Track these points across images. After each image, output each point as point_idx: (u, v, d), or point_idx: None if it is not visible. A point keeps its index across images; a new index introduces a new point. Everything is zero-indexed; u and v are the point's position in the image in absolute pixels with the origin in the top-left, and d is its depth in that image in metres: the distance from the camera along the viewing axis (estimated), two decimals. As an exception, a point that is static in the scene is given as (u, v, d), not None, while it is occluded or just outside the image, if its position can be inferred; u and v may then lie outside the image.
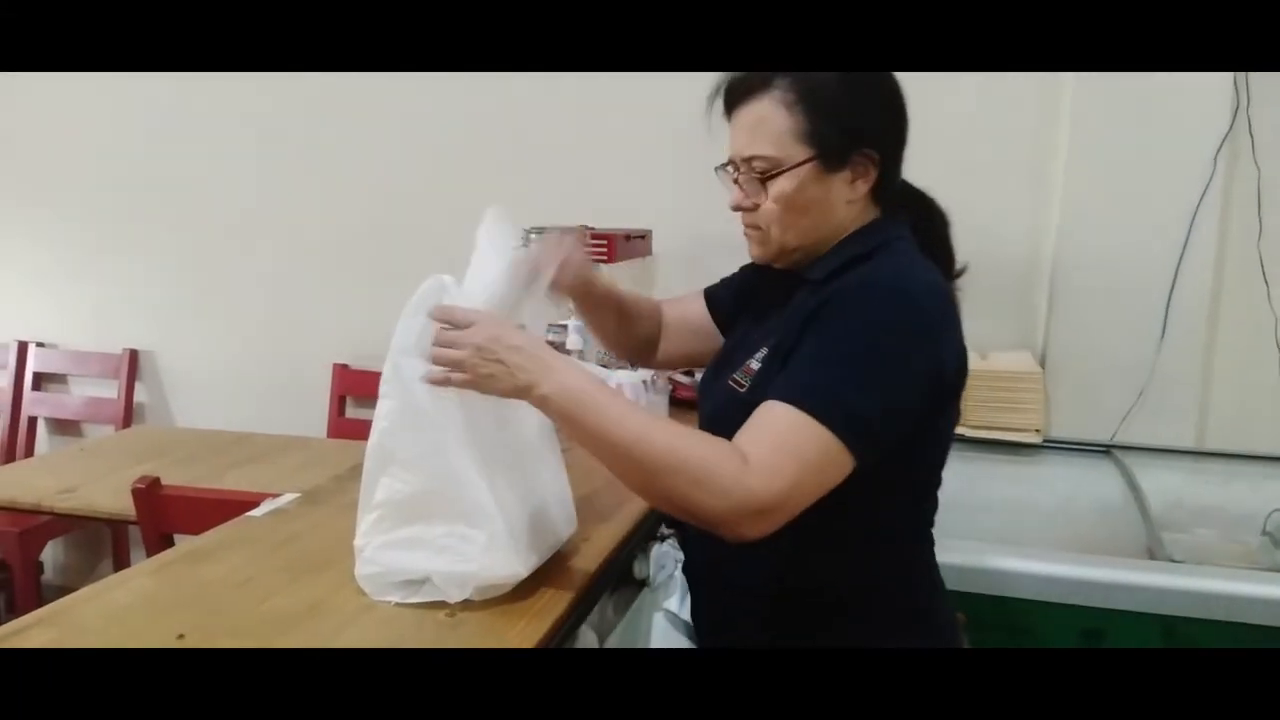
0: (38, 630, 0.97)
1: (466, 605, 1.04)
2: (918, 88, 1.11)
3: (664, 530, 1.52)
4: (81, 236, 2.96)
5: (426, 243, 2.66)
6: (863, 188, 1.09)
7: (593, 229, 2.21)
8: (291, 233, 2.78)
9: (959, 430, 1.23)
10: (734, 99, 1.10)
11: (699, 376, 2.18)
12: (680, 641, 1.32)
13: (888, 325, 0.97)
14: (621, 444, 0.94)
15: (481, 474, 1.02)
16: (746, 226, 1.14)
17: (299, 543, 1.23)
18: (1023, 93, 2.18)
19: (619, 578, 1.33)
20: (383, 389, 1.06)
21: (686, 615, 1.30)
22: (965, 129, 2.21)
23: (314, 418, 2.75)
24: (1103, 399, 2.16)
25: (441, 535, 1.04)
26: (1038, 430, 2.08)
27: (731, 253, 1.28)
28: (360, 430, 2.64)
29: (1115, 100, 2.09)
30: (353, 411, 2.79)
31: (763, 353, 1.10)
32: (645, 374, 1.72)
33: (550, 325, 1.90)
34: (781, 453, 0.91)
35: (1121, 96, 2.08)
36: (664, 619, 1.31)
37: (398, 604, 1.05)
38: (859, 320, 0.98)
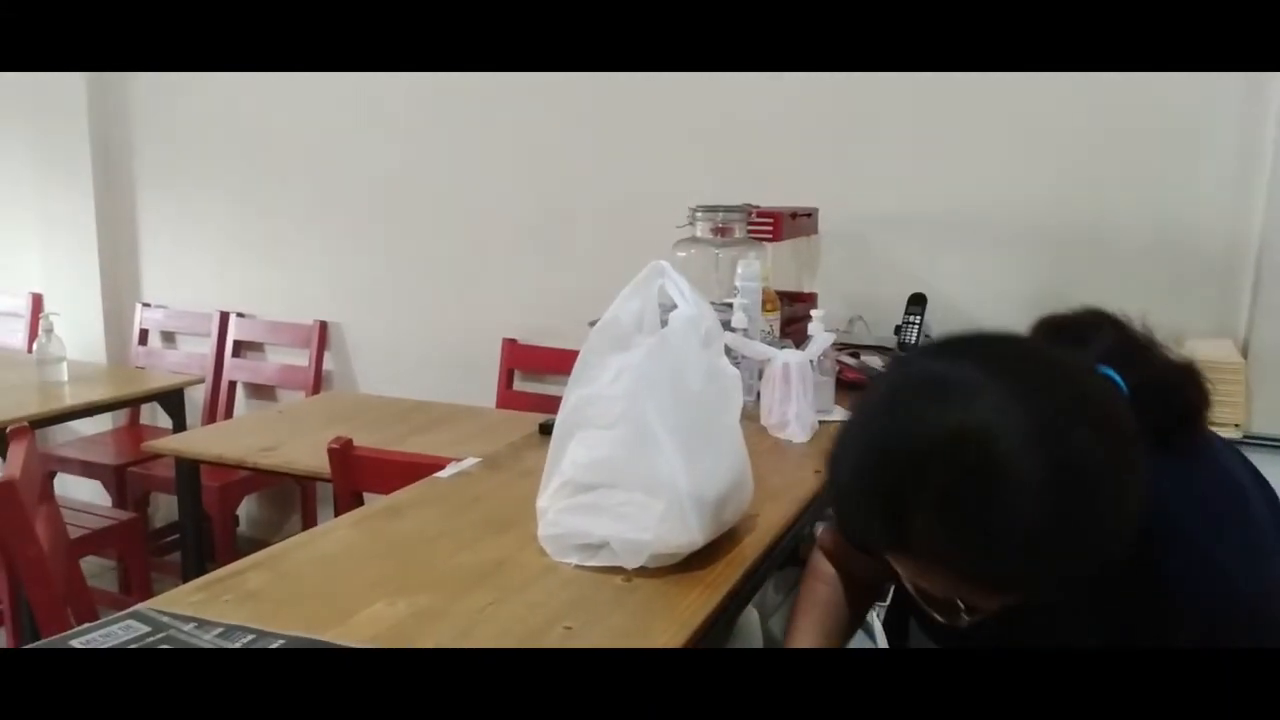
0: (254, 573, 1.06)
1: (642, 571, 1.07)
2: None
3: (831, 512, 1.52)
4: (278, 218, 3.19)
5: (591, 227, 2.75)
6: None
7: (758, 207, 2.20)
8: (467, 216, 2.90)
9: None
10: (874, 545, 0.81)
11: (864, 358, 2.17)
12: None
13: None
14: None
15: (670, 444, 1.05)
16: None
17: (483, 504, 1.29)
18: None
19: (784, 558, 1.33)
20: (583, 359, 1.10)
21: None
22: (1163, 99, 2.07)
23: (484, 389, 2.87)
24: (1313, 393, 1.99)
25: (621, 502, 1.07)
26: (1238, 425, 1.94)
27: (896, 231, 1.22)
28: (527, 402, 2.79)
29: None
30: (520, 385, 2.90)
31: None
32: (812, 353, 1.71)
33: (714, 304, 1.91)
34: None
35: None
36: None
37: (577, 566, 1.09)
38: None
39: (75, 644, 0.89)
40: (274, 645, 0.89)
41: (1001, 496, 0.70)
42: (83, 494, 3.16)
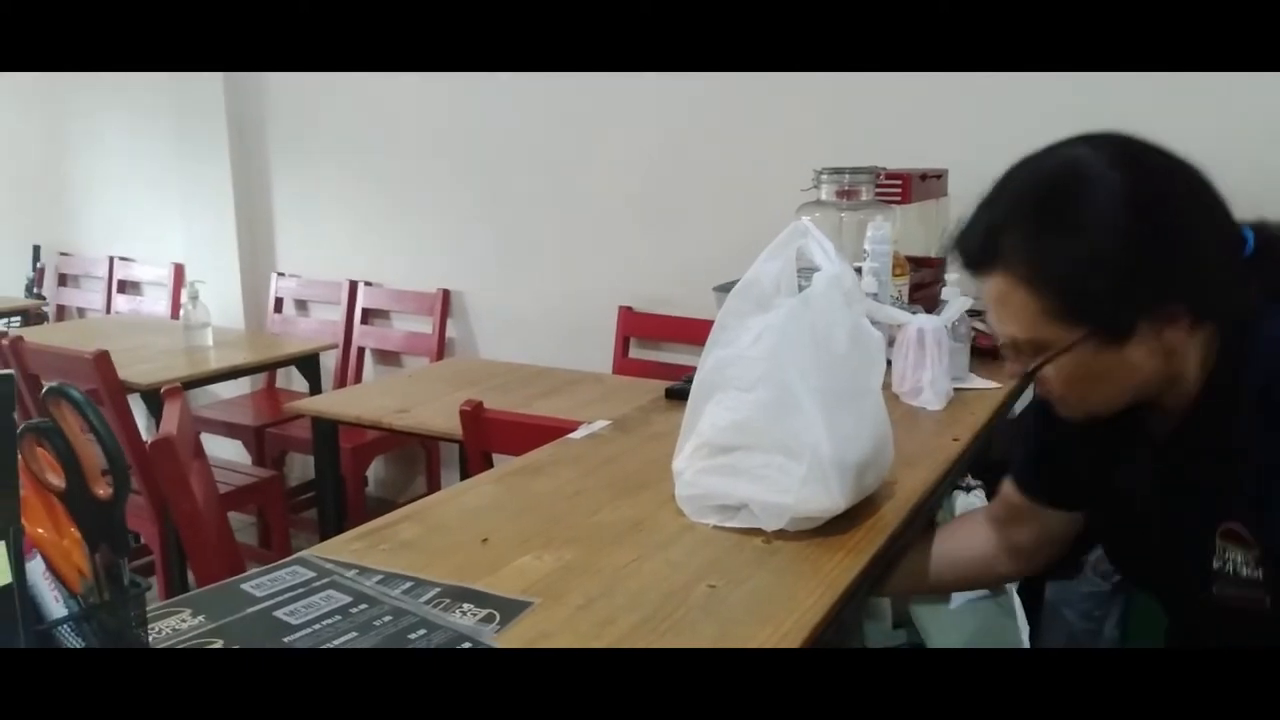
0: (406, 525, 1.10)
1: (781, 534, 1.06)
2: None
3: (970, 481, 1.48)
4: (403, 190, 3.28)
5: (708, 193, 2.73)
6: (1176, 337, 0.86)
7: (886, 169, 2.14)
8: (584, 185, 2.93)
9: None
10: (969, 267, 0.92)
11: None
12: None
13: None
14: None
15: (812, 407, 1.03)
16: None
17: (617, 464, 1.31)
18: None
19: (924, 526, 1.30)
20: (721, 321, 1.10)
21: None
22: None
23: (601, 356, 2.90)
24: None
25: (760, 465, 1.07)
26: None
27: None
28: (643, 369, 2.80)
29: None
30: (636, 352, 2.91)
31: (1241, 551, 0.85)
32: (947, 318, 1.66)
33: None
34: None
35: None
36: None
37: (715, 526, 1.09)
38: None
39: (245, 588, 0.94)
40: (430, 594, 0.92)
41: (1084, 205, 0.82)
42: (226, 453, 3.34)
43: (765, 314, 1.09)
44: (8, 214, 4.41)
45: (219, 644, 0.83)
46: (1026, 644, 1.31)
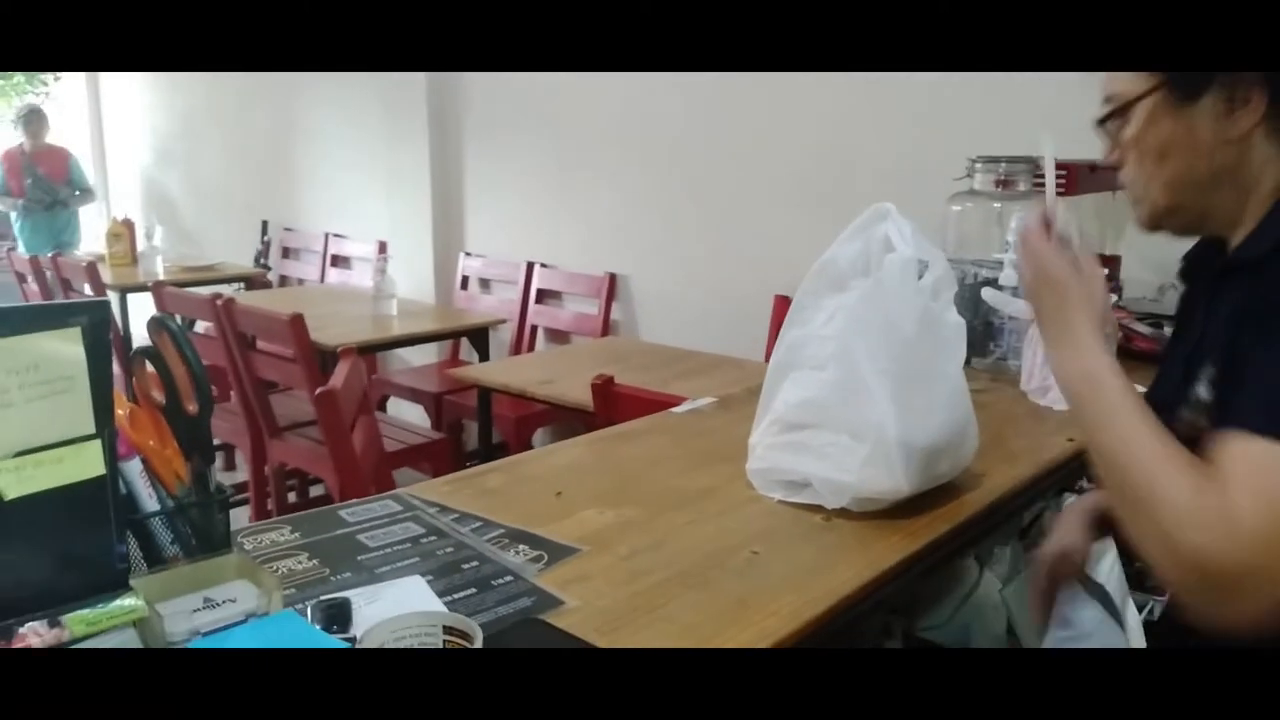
0: (495, 475, 1.20)
1: (844, 513, 1.07)
2: None
3: (1083, 484, 1.41)
4: (579, 177, 3.43)
5: (866, 184, 2.69)
6: (1246, 121, 0.83)
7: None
8: (744, 176, 2.96)
9: None
10: None
11: (1167, 329, 1.95)
12: (1085, 607, 1.23)
13: None
14: (1105, 450, 0.80)
15: (879, 388, 1.04)
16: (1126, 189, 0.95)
17: (708, 438, 1.35)
18: None
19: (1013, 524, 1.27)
20: (798, 300, 1.13)
21: (1101, 578, 1.19)
22: None
23: (756, 343, 2.92)
24: None
25: (826, 443, 1.08)
26: None
27: None
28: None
29: None
30: (791, 341, 2.91)
31: (1207, 374, 0.86)
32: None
33: (987, 260, 1.82)
34: (1254, 499, 0.70)
35: None
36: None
37: (780, 500, 1.11)
38: None
39: (343, 514, 1.06)
40: (494, 534, 1.01)
41: None
42: (412, 417, 3.62)
43: (840, 294, 1.10)
44: (242, 192, 4.96)
45: (304, 556, 0.95)
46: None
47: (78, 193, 5.22)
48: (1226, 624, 0.71)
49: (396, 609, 0.74)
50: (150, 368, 0.79)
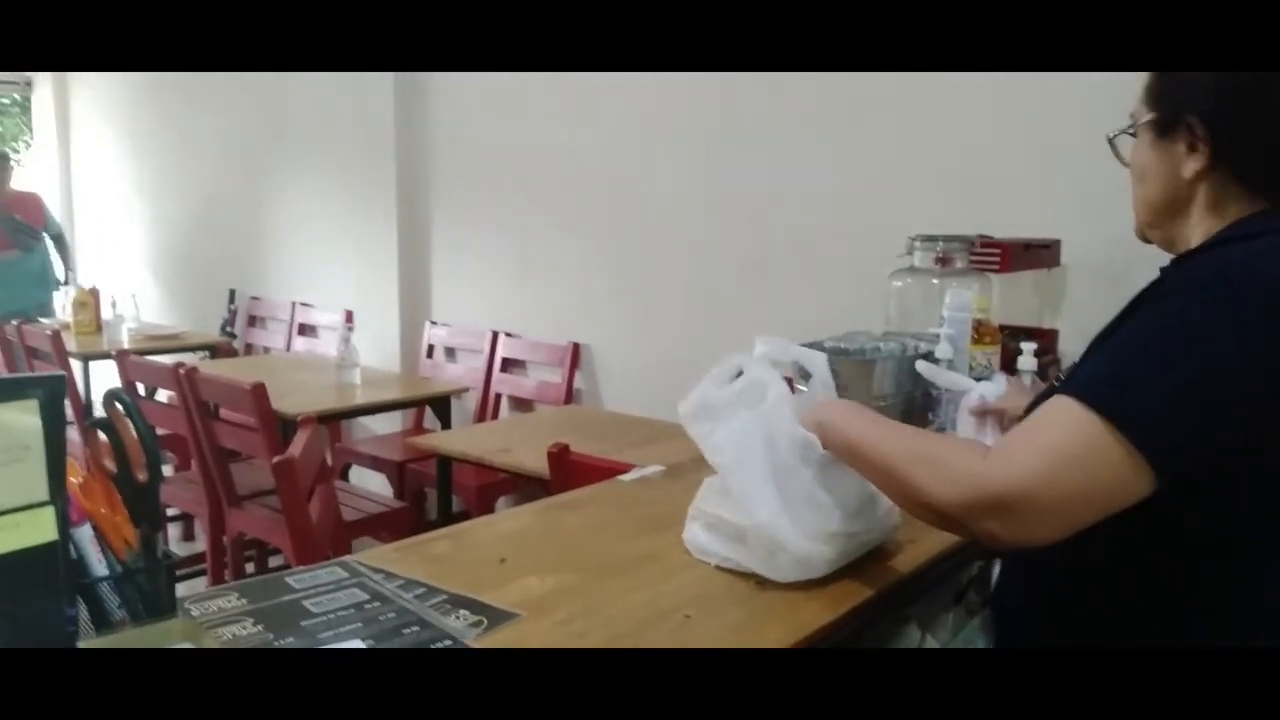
0: (442, 542, 1.24)
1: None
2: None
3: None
4: (542, 248, 3.52)
5: (829, 254, 2.79)
6: (1193, 166, 0.97)
7: (989, 237, 2.15)
8: (706, 252, 3.06)
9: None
10: None
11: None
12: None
13: (1208, 310, 0.83)
14: (872, 452, 0.99)
15: (770, 494, 1.10)
16: None
17: (652, 506, 1.40)
18: None
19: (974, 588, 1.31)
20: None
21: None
22: None
23: (714, 413, 2.98)
24: None
25: (743, 533, 1.13)
26: None
27: (1152, 262, 1.08)
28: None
29: None
30: (749, 410, 2.97)
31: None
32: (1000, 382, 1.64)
33: (924, 334, 1.90)
34: (1031, 442, 0.83)
35: None
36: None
37: (717, 566, 1.16)
38: (1174, 303, 0.86)
39: (289, 580, 1.09)
40: (436, 599, 1.05)
41: None
42: (375, 485, 3.63)
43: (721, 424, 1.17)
44: (211, 260, 5.01)
45: (249, 622, 0.98)
46: None
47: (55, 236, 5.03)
48: (1006, 543, 0.83)
49: None
50: (104, 437, 0.83)
